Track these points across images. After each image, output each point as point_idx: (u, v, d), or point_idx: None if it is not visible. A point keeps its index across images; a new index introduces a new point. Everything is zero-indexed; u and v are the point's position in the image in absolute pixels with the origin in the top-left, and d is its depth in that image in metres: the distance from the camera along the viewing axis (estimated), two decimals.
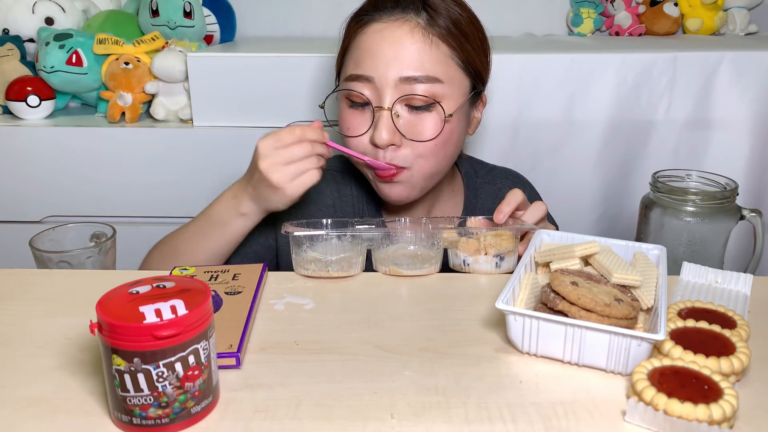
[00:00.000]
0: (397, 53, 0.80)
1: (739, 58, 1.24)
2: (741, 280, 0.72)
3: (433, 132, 0.82)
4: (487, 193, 0.99)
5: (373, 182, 0.89)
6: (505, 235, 0.76)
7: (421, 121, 0.82)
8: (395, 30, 0.81)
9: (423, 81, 0.81)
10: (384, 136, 0.81)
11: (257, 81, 1.28)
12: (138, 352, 0.46)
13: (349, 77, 0.84)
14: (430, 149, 0.83)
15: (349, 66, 0.85)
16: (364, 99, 0.83)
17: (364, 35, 0.83)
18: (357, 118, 0.84)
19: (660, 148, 1.29)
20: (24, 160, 1.31)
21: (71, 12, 1.47)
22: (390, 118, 0.81)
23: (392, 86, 0.81)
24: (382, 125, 0.81)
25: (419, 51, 0.81)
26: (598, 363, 0.56)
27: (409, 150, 0.83)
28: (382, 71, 0.81)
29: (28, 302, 0.69)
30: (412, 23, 0.81)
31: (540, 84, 1.26)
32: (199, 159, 1.30)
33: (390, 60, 0.81)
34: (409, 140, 0.83)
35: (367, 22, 0.83)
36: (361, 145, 0.84)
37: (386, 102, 0.81)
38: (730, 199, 0.88)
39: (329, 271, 0.74)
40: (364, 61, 0.82)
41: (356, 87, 0.83)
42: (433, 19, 0.82)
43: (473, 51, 0.85)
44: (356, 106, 0.84)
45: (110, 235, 0.82)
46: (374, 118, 0.83)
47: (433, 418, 0.50)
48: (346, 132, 0.85)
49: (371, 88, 0.82)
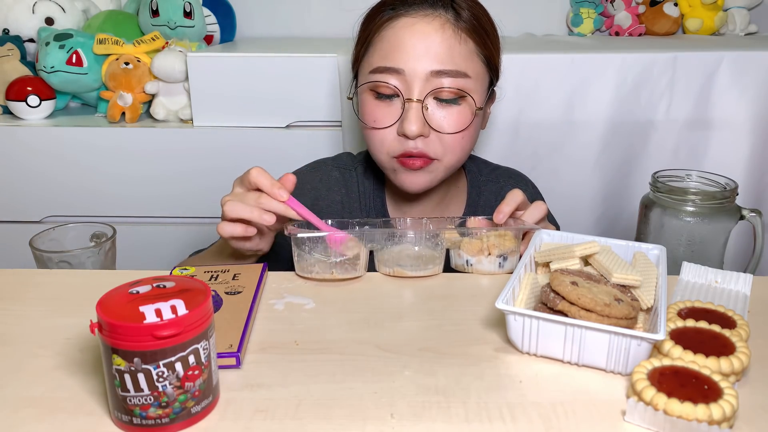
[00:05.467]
0: (428, 47, 0.82)
1: (739, 58, 1.24)
2: (741, 280, 0.72)
3: (462, 124, 0.84)
4: (490, 192, 0.99)
5: (391, 172, 0.89)
6: (508, 236, 0.76)
7: (450, 114, 0.84)
8: (426, 25, 0.83)
9: (452, 75, 0.82)
10: (414, 127, 0.82)
11: (257, 81, 1.29)
12: (138, 351, 0.46)
13: (376, 69, 0.84)
14: (457, 142, 0.85)
15: (374, 58, 0.85)
16: (393, 90, 0.84)
17: (392, 29, 0.84)
18: (384, 109, 0.85)
19: (660, 148, 1.29)
20: (24, 160, 1.31)
21: (71, 12, 1.48)
22: (420, 110, 0.83)
23: (422, 79, 0.82)
24: (413, 116, 0.82)
25: (450, 46, 0.82)
26: (598, 363, 0.56)
27: (436, 142, 0.85)
28: (412, 64, 0.82)
29: (28, 302, 0.69)
30: (442, 19, 0.83)
31: (540, 84, 1.26)
32: (199, 159, 1.30)
33: (421, 54, 0.82)
34: (438, 132, 0.84)
35: (394, 16, 0.85)
36: (387, 136, 0.85)
37: (416, 94, 0.82)
38: (730, 199, 0.88)
39: (333, 273, 0.74)
40: (393, 54, 0.83)
41: (385, 78, 0.84)
42: (460, 15, 0.84)
43: (493, 47, 0.87)
44: (383, 97, 0.85)
45: (110, 235, 0.82)
46: (403, 109, 0.83)
47: (433, 418, 0.50)
48: (373, 124, 0.86)
49: (400, 80, 0.83)
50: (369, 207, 0.96)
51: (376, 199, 0.97)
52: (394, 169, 0.88)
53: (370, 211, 0.96)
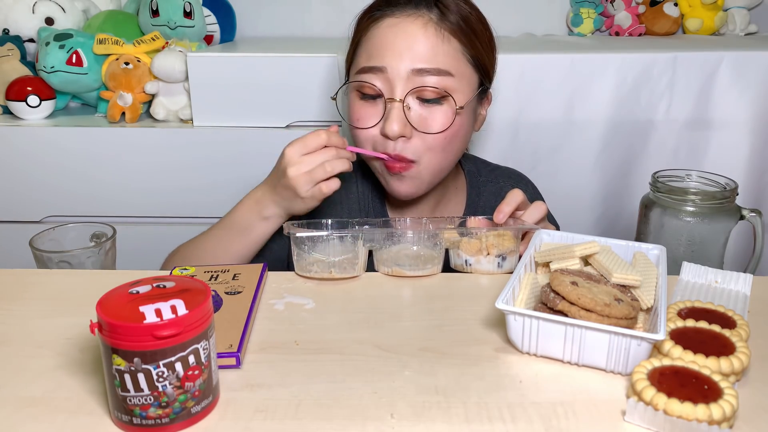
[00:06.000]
0: (410, 46, 0.82)
1: (739, 58, 1.24)
2: (741, 280, 0.72)
3: (444, 124, 0.84)
4: (490, 192, 0.99)
5: (381, 176, 0.90)
6: (507, 236, 0.76)
7: (432, 113, 0.84)
8: (409, 24, 0.83)
9: (435, 74, 0.82)
10: (395, 127, 0.82)
11: (257, 81, 1.28)
12: (138, 351, 0.46)
13: (362, 69, 0.85)
14: (440, 142, 0.85)
15: (361, 59, 0.86)
16: (376, 91, 0.84)
17: (377, 29, 0.85)
18: (368, 109, 0.85)
19: (660, 148, 1.29)
20: (24, 160, 1.31)
21: (71, 12, 1.47)
22: (401, 110, 0.83)
23: (404, 78, 0.82)
24: (394, 117, 0.82)
25: (432, 45, 0.82)
26: (598, 363, 0.56)
27: (419, 142, 0.84)
28: (395, 63, 0.82)
29: (28, 302, 0.69)
30: (425, 18, 0.83)
31: (540, 84, 1.26)
32: (199, 159, 1.30)
33: (403, 52, 0.82)
34: (420, 132, 0.84)
35: (380, 17, 0.85)
36: (370, 136, 0.86)
37: (398, 94, 0.83)
38: (730, 199, 0.88)
39: (332, 273, 0.74)
40: (376, 53, 0.84)
41: (368, 79, 0.84)
42: (445, 15, 0.83)
43: (482, 48, 0.87)
44: (367, 98, 0.85)
45: (110, 235, 0.82)
46: (385, 109, 0.84)
47: (433, 418, 0.50)
48: (356, 123, 0.86)
49: (383, 79, 0.83)
50: (368, 208, 0.96)
51: (375, 200, 0.97)
52: (382, 174, 0.88)
53: (370, 212, 0.96)
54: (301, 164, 0.79)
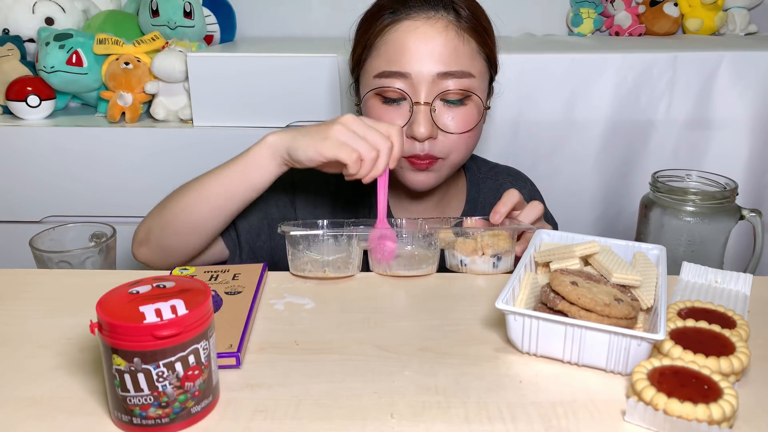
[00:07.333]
0: (433, 50, 0.82)
1: (739, 58, 1.24)
2: (741, 280, 0.72)
3: (469, 124, 0.86)
4: (489, 189, 1.00)
5: (398, 170, 0.89)
6: (502, 236, 0.76)
7: (457, 114, 0.85)
8: (429, 27, 0.83)
9: (458, 76, 0.83)
10: (423, 130, 0.83)
11: (257, 81, 1.29)
12: (138, 351, 0.46)
13: (382, 74, 0.85)
14: (464, 140, 0.86)
15: (379, 62, 0.85)
16: (401, 94, 0.84)
17: (395, 32, 0.84)
18: (392, 113, 0.85)
19: (660, 148, 1.29)
20: (24, 160, 1.31)
21: (71, 12, 1.47)
22: (428, 113, 0.83)
23: (429, 81, 0.83)
24: (421, 119, 0.83)
25: (454, 47, 0.83)
26: (598, 363, 0.56)
27: (444, 141, 0.85)
28: (418, 67, 0.82)
29: (28, 302, 0.69)
30: (445, 20, 0.83)
31: (540, 84, 1.26)
32: (199, 159, 1.30)
33: (426, 56, 0.82)
34: (446, 132, 0.85)
35: (397, 20, 0.85)
36: None
37: (423, 97, 0.83)
38: (730, 199, 0.88)
39: (326, 272, 0.74)
40: (398, 58, 0.83)
41: (391, 83, 0.84)
42: (460, 15, 0.84)
43: (491, 44, 0.88)
44: (390, 102, 0.85)
45: (110, 235, 0.82)
46: (411, 112, 0.84)
47: (433, 418, 0.50)
48: None
49: (407, 83, 0.84)
50: (372, 205, 0.96)
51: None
52: (402, 167, 0.88)
53: (373, 209, 0.96)
54: (358, 128, 0.74)
